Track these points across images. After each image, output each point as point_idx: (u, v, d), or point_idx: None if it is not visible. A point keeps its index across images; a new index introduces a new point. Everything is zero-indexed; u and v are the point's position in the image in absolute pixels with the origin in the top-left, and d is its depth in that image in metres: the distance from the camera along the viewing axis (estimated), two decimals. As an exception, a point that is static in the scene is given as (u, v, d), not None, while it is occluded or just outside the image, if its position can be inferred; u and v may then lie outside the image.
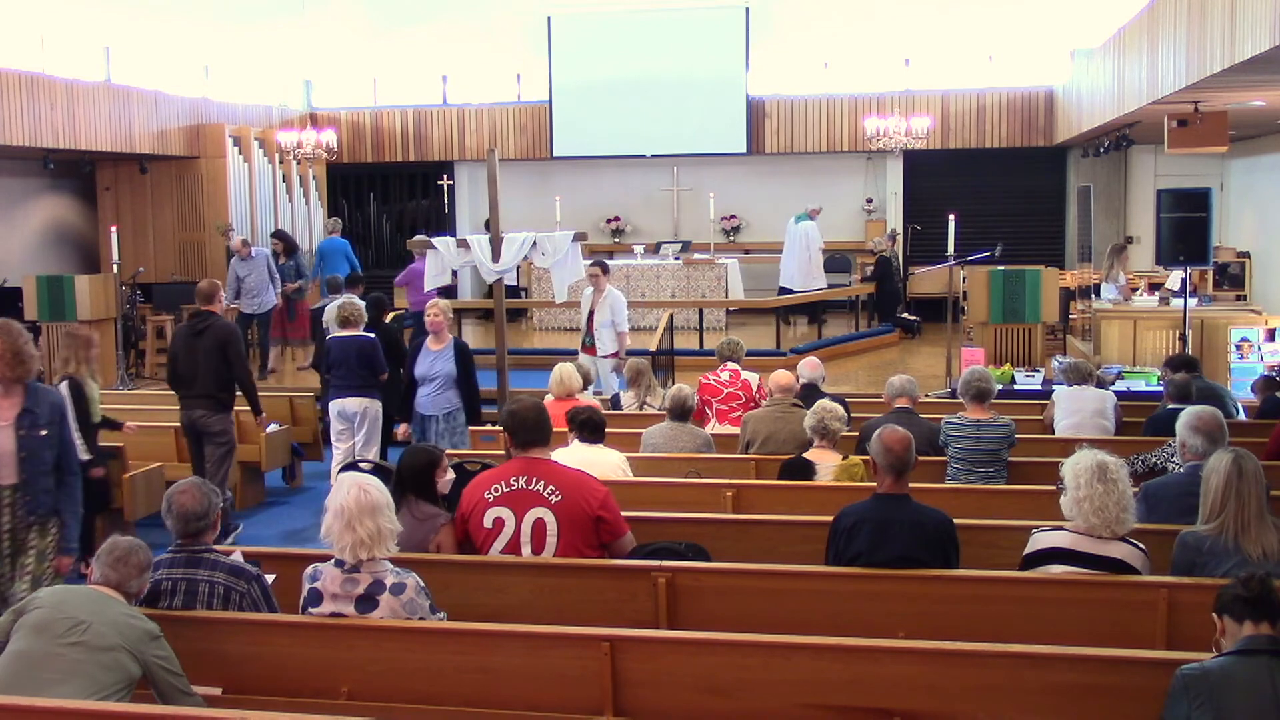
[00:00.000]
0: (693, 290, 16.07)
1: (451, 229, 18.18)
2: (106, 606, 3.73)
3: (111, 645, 3.64)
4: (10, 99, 12.82)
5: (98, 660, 3.62)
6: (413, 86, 19.31)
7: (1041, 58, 17.45)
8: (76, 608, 3.71)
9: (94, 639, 3.64)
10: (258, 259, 12.70)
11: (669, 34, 18.06)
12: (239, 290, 12.54)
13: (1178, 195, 10.13)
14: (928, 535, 4.49)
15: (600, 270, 10.74)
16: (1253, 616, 3.31)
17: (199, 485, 4.23)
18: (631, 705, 3.81)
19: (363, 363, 8.23)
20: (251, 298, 12.58)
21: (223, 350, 7.75)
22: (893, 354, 14.88)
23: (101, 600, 3.76)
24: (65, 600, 3.76)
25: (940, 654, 3.76)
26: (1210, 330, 11.12)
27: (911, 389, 7.15)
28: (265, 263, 12.78)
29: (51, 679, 3.57)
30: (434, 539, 4.77)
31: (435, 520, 4.82)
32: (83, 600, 3.75)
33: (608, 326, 10.64)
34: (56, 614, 3.69)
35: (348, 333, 8.30)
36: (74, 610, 3.70)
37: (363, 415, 8.30)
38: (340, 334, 8.33)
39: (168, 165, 16.16)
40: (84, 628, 3.65)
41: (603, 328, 10.64)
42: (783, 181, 18.64)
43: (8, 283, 13.80)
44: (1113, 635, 4.06)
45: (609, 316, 10.63)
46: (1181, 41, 8.85)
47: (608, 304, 10.67)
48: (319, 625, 4.00)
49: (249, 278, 12.54)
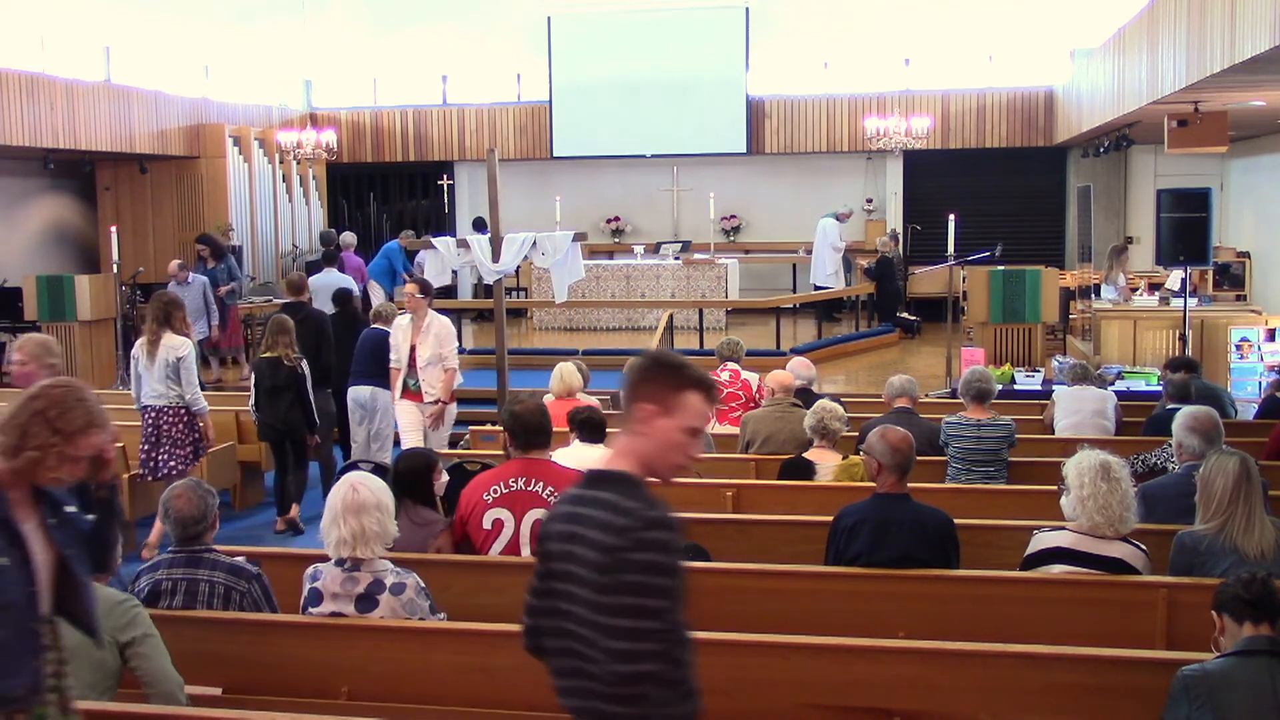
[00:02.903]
0: (693, 290, 16.07)
1: (451, 229, 18.17)
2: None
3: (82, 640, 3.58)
4: (10, 99, 12.82)
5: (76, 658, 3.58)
6: (413, 86, 19.31)
7: (1041, 58, 17.45)
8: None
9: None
10: (194, 285, 12.14)
11: (669, 34, 18.06)
12: None
13: (1178, 195, 10.13)
14: (928, 535, 4.49)
15: (420, 291, 8.33)
16: (1253, 617, 3.31)
17: (194, 488, 4.21)
18: (631, 705, 3.81)
19: (377, 354, 8.76)
20: None
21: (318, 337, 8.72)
22: (893, 354, 14.88)
23: None
24: None
25: (940, 654, 3.76)
26: (1210, 330, 11.11)
27: (911, 389, 7.14)
28: (202, 290, 12.23)
29: None
30: (432, 544, 4.76)
31: (434, 526, 4.82)
32: None
33: (435, 365, 8.21)
34: None
35: (377, 326, 9.06)
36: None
37: (373, 400, 8.84)
38: (371, 327, 9.16)
39: (168, 165, 16.16)
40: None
41: (429, 366, 8.20)
42: (783, 181, 18.64)
43: (8, 283, 13.79)
44: (1113, 635, 4.06)
45: (435, 350, 8.23)
46: (1181, 41, 8.85)
47: (432, 334, 8.24)
48: (319, 625, 4.00)
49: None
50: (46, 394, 2.94)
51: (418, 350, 8.23)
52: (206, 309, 12.18)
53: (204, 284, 12.26)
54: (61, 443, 2.88)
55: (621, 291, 16.17)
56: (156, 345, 7.35)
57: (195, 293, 12.03)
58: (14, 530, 2.88)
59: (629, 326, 15.88)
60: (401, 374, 8.30)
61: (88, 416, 2.94)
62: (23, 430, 2.87)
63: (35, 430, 2.87)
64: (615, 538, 2.54)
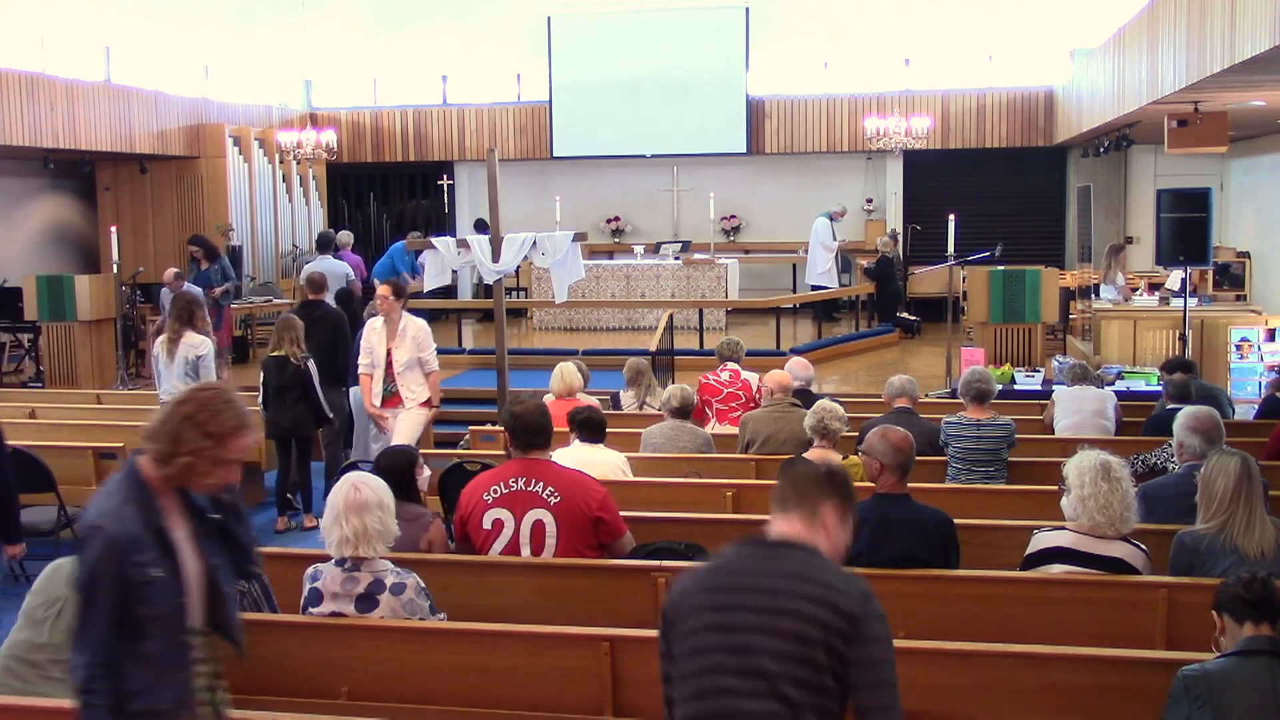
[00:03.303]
0: (693, 290, 16.07)
1: (451, 229, 18.17)
2: None
3: None
4: (10, 99, 12.82)
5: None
6: (413, 86, 19.31)
7: (1041, 58, 17.45)
8: (58, 583, 3.65)
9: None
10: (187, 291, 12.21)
11: (669, 34, 18.06)
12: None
13: (1178, 195, 10.12)
14: (928, 535, 4.49)
15: (393, 293, 7.97)
16: (1253, 617, 3.31)
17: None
18: (631, 705, 3.81)
19: None
20: None
21: (334, 334, 8.83)
22: (893, 354, 14.87)
23: None
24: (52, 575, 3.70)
25: (940, 654, 3.76)
26: (1210, 330, 11.12)
27: (911, 389, 7.14)
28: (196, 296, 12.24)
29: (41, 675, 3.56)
30: (424, 537, 4.79)
31: (423, 520, 4.85)
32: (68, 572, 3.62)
33: (413, 368, 7.97)
34: (38, 597, 3.66)
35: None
36: (54, 587, 3.65)
37: None
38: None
39: (168, 165, 16.16)
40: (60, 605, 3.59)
41: (407, 370, 7.94)
42: (783, 181, 18.64)
43: (8, 283, 13.79)
44: (1113, 635, 4.06)
45: (412, 354, 7.97)
46: (1181, 41, 8.85)
47: (408, 337, 7.96)
48: (319, 625, 4.00)
49: None
50: (194, 398, 2.92)
51: (394, 354, 7.91)
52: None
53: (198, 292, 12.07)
54: (214, 446, 2.86)
55: (621, 291, 16.18)
56: (177, 343, 7.56)
57: None
58: (167, 540, 2.86)
59: (629, 326, 15.87)
60: (376, 378, 7.98)
61: (237, 418, 2.92)
62: (175, 436, 2.84)
63: (187, 435, 2.84)
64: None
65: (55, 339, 12.53)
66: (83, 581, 2.79)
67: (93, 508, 2.86)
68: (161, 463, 2.85)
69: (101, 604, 2.75)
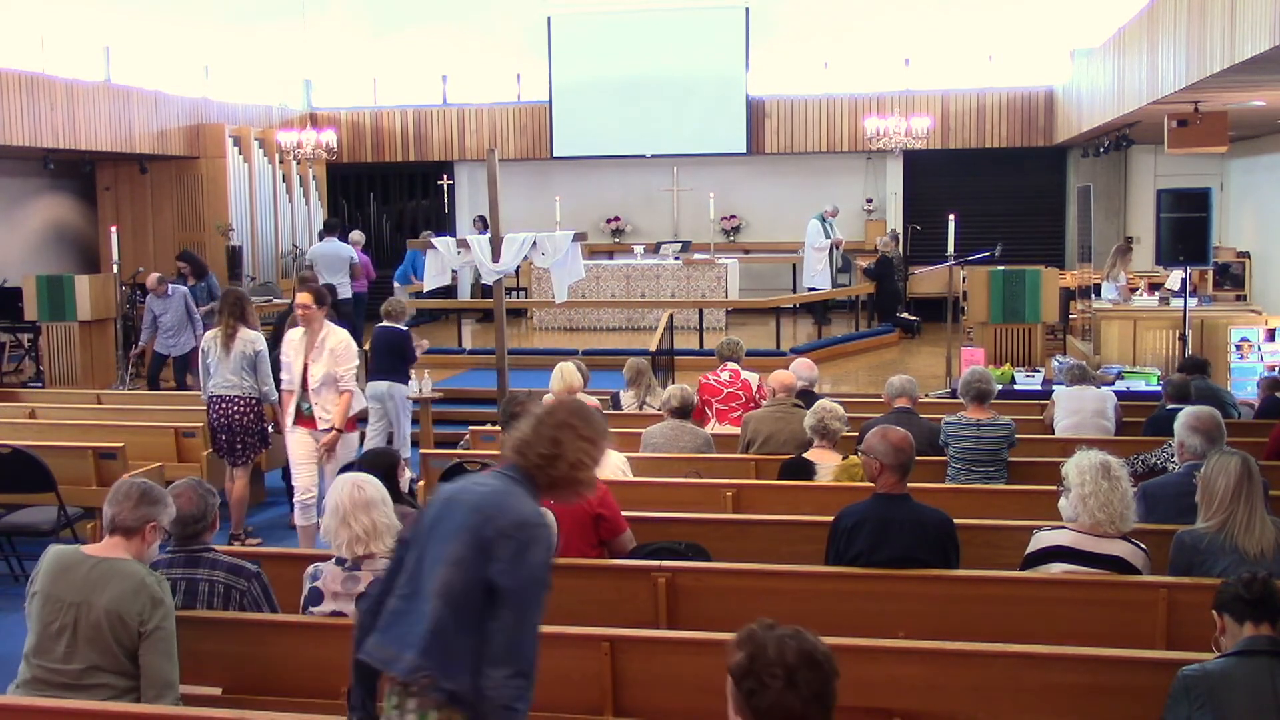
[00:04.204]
0: (693, 290, 16.08)
1: (451, 229, 18.18)
2: (107, 581, 3.63)
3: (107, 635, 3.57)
4: (10, 99, 12.82)
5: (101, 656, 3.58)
6: (413, 86, 19.31)
7: (1041, 58, 17.45)
8: (69, 587, 3.63)
9: (88, 630, 3.57)
10: (174, 297, 11.73)
11: (669, 34, 18.06)
12: (155, 329, 11.64)
13: (1178, 195, 10.13)
14: (928, 535, 4.49)
15: (313, 300, 7.08)
16: (1253, 617, 3.31)
17: (195, 487, 4.21)
18: (631, 705, 3.81)
19: (392, 350, 9.13)
20: (167, 337, 11.62)
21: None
22: (893, 354, 14.88)
23: (102, 571, 3.66)
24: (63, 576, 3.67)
25: (940, 654, 3.76)
26: (1210, 330, 11.12)
27: (911, 389, 7.14)
28: (183, 301, 11.78)
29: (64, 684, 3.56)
30: None
31: (409, 519, 4.86)
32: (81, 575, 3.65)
33: (329, 385, 7.00)
34: (48, 603, 3.63)
35: (387, 324, 9.29)
36: (66, 591, 3.62)
37: (389, 395, 9.04)
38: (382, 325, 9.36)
39: (168, 165, 16.16)
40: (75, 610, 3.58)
41: (324, 387, 7.00)
42: (783, 181, 18.64)
43: (8, 283, 13.79)
44: (1113, 635, 4.06)
45: (329, 369, 7.00)
46: (1181, 41, 8.85)
47: (327, 350, 7.01)
48: (319, 625, 4.00)
49: (164, 316, 11.58)
50: (563, 406, 3.06)
51: (310, 369, 6.99)
52: (190, 320, 11.78)
53: (184, 295, 11.83)
54: (592, 449, 2.98)
55: (621, 291, 16.18)
56: (233, 338, 7.61)
57: (176, 304, 11.67)
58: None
59: (629, 326, 15.87)
60: (294, 397, 7.08)
61: (604, 422, 3.07)
62: (555, 441, 2.93)
63: (567, 439, 2.95)
64: None
65: (55, 339, 12.52)
66: (528, 582, 2.77)
67: (511, 508, 2.84)
68: (543, 468, 2.93)
69: (541, 607, 2.79)
